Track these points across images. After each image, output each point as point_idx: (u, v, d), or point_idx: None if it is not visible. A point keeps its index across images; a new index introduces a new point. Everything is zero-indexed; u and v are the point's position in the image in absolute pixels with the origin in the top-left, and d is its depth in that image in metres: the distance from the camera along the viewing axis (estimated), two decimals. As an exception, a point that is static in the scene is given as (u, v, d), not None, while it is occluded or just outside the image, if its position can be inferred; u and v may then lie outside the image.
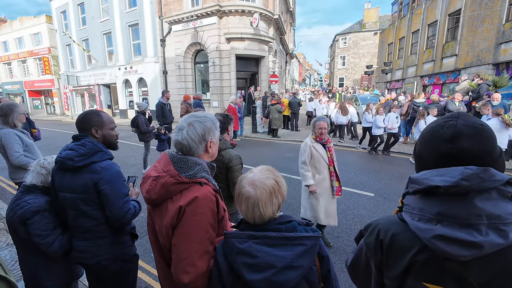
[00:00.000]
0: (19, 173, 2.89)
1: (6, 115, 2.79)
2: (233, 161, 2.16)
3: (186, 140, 1.15)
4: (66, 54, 21.99)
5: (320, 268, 1.01)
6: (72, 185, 1.52)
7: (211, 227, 1.09)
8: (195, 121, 1.18)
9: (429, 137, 0.79)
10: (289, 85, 28.29)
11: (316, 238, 0.97)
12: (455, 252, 0.65)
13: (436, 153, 0.76)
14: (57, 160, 1.53)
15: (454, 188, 0.66)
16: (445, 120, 0.77)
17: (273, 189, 0.98)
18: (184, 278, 1.02)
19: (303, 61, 56.95)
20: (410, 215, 0.75)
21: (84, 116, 1.64)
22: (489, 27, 11.61)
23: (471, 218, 0.65)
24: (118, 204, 1.55)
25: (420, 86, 17.00)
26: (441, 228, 0.67)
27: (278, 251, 0.92)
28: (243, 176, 1.05)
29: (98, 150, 1.57)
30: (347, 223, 3.78)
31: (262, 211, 0.96)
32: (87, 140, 1.57)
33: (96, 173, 1.51)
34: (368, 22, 32.42)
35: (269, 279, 0.89)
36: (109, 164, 1.58)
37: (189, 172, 1.10)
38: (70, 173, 1.52)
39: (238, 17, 13.10)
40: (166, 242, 1.11)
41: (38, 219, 1.57)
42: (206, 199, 1.08)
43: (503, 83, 8.65)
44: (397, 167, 6.52)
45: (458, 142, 0.72)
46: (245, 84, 15.50)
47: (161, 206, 1.12)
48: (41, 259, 1.64)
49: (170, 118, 7.16)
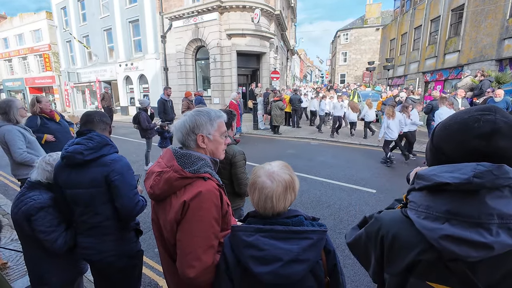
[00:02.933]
0: (22, 170, 2.90)
1: (6, 112, 2.80)
2: (236, 157, 2.17)
3: (175, 128, 1.20)
4: (67, 50, 21.92)
5: (326, 262, 1.02)
6: (80, 180, 1.52)
7: (215, 221, 1.09)
8: (190, 114, 1.20)
9: (458, 129, 0.70)
10: (290, 82, 28.17)
11: (323, 232, 0.98)
12: (464, 253, 0.62)
13: (464, 148, 0.68)
14: (64, 155, 1.51)
15: (465, 185, 0.63)
16: (481, 113, 0.68)
17: (289, 184, 0.99)
18: (189, 273, 1.03)
19: (304, 58, 56.64)
20: (416, 213, 0.71)
21: (92, 112, 1.70)
22: (492, 22, 11.49)
23: (481, 217, 0.62)
24: (128, 196, 1.57)
25: (422, 82, 16.90)
26: (449, 228, 0.64)
27: (285, 244, 0.93)
28: (259, 167, 1.05)
29: (106, 143, 1.59)
30: (349, 219, 3.79)
31: (274, 204, 0.97)
32: (94, 134, 1.58)
33: (106, 166, 1.53)
34: (370, 17, 32.11)
35: (276, 271, 0.90)
36: (118, 157, 1.61)
37: (192, 167, 1.10)
38: (77, 169, 1.52)
39: (239, 13, 13.00)
40: (171, 237, 1.11)
41: (42, 215, 1.57)
42: (210, 194, 1.08)
43: (506, 79, 8.59)
44: (400, 164, 6.51)
45: (495, 140, 0.64)
46: (246, 81, 15.43)
47: (165, 201, 1.12)
48: (45, 254, 1.65)
49: (171, 114, 7.15)
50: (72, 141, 1.57)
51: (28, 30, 23.62)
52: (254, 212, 1.06)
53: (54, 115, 3.54)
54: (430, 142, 0.79)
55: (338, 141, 9.19)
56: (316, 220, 1.07)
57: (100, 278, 1.78)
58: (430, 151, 0.79)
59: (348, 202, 4.37)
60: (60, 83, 23.47)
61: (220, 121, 1.25)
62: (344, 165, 6.49)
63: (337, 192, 4.78)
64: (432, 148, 0.78)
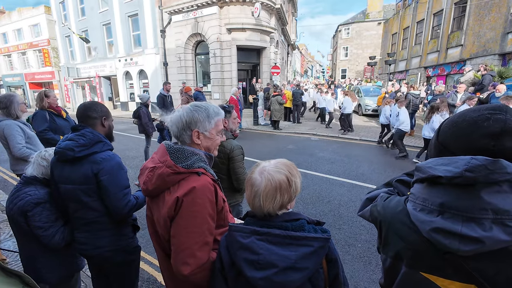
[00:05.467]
0: (21, 165, 2.88)
1: (7, 107, 2.79)
2: (234, 151, 2.15)
3: (171, 121, 1.16)
4: (66, 45, 21.80)
5: (327, 271, 0.95)
6: (72, 176, 1.50)
7: (210, 217, 1.07)
8: (187, 109, 1.16)
9: (466, 127, 0.69)
10: (291, 77, 27.99)
11: (325, 240, 0.91)
12: (454, 246, 0.62)
13: (470, 146, 0.67)
14: (56, 151, 1.50)
15: (457, 179, 0.62)
16: (491, 112, 0.67)
17: (280, 185, 0.91)
18: (184, 270, 1.01)
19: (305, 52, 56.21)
20: (414, 205, 0.72)
21: (91, 105, 1.62)
22: (496, 16, 11.34)
23: (474, 212, 0.61)
24: (117, 196, 1.53)
25: (424, 77, 16.77)
26: (440, 221, 0.64)
27: (281, 250, 0.87)
28: (258, 163, 1.01)
29: (98, 140, 1.55)
30: (349, 215, 3.78)
31: (261, 203, 0.91)
32: (87, 131, 1.54)
33: (96, 164, 1.50)
34: (372, 11, 31.74)
35: (270, 278, 0.85)
36: (110, 155, 1.56)
37: (186, 162, 1.08)
38: (70, 164, 1.50)
39: (239, 7, 12.86)
40: (165, 233, 1.09)
41: (39, 211, 1.56)
42: (204, 189, 1.05)
43: (509, 74, 8.50)
44: (400, 159, 6.48)
45: (503, 140, 0.63)
46: (247, 76, 15.34)
47: (159, 197, 1.10)
48: (42, 250, 1.63)
49: (171, 110, 7.13)
50: (66, 136, 1.55)
51: (27, 25, 23.45)
52: (253, 211, 1.03)
53: (61, 111, 3.53)
54: (436, 138, 0.78)
55: (339, 136, 9.15)
56: (321, 225, 1.00)
57: (98, 273, 1.77)
58: (435, 147, 0.77)
59: (348, 197, 4.36)
60: (59, 79, 23.39)
61: (218, 119, 1.21)
62: (344, 160, 6.46)
63: (337, 188, 4.77)
64: (437, 144, 0.76)
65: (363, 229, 3.40)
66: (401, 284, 0.77)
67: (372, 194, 0.99)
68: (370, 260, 2.83)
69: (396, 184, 0.97)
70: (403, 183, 0.95)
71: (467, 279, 0.65)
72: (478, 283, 0.64)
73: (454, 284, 0.67)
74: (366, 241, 3.17)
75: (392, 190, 0.95)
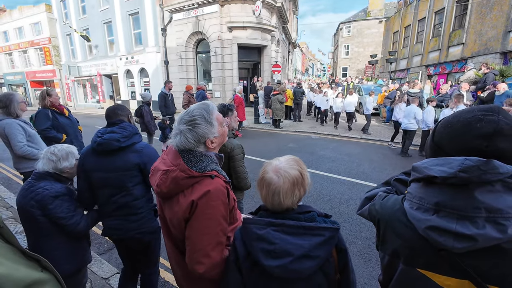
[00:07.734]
0: (23, 163, 2.92)
1: (7, 106, 2.80)
2: (235, 150, 2.18)
3: (181, 144, 1.13)
4: (67, 44, 21.80)
5: (337, 260, 1.01)
6: (116, 164, 1.68)
7: (223, 218, 1.11)
8: (185, 130, 1.13)
9: (460, 128, 0.70)
10: (291, 75, 27.93)
11: (335, 230, 0.97)
12: (448, 243, 0.65)
13: (464, 147, 0.69)
14: (101, 142, 1.65)
15: (451, 179, 0.65)
16: (483, 113, 0.68)
17: (297, 180, 0.98)
18: (199, 269, 1.06)
19: (306, 51, 56.04)
20: (410, 203, 0.75)
21: (119, 106, 1.91)
22: (498, 14, 11.28)
23: (468, 210, 0.64)
24: None
25: (425, 75, 16.72)
26: (435, 219, 0.67)
27: (296, 239, 0.93)
28: (268, 162, 1.05)
29: (136, 132, 1.79)
30: (349, 213, 3.81)
31: (281, 200, 0.97)
32: (127, 124, 1.78)
33: (137, 152, 1.73)
34: (373, 9, 31.59)
35: (286, 266, 0.90)
36: (146, 144, 1.83)
37: (199, 166, 1.10)
38: (110, 155, 1.68)
39: (240, 5, 12.83)
40: (179, 234, 1.13)
41: (59, 203, 1.62)
42: (218, 192, 1.09)
43: (511, 73, 8.47)
44: (399, 157, 6.50)
45: (495, 141, 0.65)
46: (247, 74, 15.34)
47: (172, 199, 1.12)
48: (55, 243, 1.66)
49: (172, 108, 7.14)
50: (103, 130, 1.73)
51: (27, 23, 23.44)
52: (266, 206, 1.07)
53: (63, 109, 3.56)
54: (431, 139, 0.80)
55: (339, 135, 9.17)
56: (329, 217, 1.06)
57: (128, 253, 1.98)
58: (430, 148, 0.80)
59: (348, 195, 4.39)
60: (61, 77, 23.40)
61: (215, 116, 1.22)
62: (345, 159, 6.49)
63: (337, 186, 4.80)
64: (433, 145, 0.78)
65: (364, 226, 3.44)
66: (398, 280, 0.80)
67: (371, 193, 1.03)
68: (370, 257, 2.87)
69: (394, 183, 1.00)
70: (401, 182, 0.98)
71: (462, 275, 0.68)
72: (472, 279, 0.66)
73: (450, 280, 0.70)
74: (366, 238, 3.20)
75: (390, 189, 0.99)
